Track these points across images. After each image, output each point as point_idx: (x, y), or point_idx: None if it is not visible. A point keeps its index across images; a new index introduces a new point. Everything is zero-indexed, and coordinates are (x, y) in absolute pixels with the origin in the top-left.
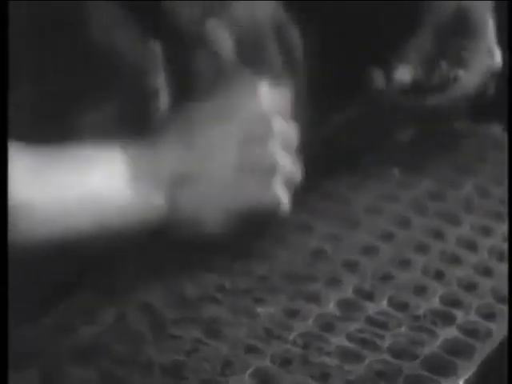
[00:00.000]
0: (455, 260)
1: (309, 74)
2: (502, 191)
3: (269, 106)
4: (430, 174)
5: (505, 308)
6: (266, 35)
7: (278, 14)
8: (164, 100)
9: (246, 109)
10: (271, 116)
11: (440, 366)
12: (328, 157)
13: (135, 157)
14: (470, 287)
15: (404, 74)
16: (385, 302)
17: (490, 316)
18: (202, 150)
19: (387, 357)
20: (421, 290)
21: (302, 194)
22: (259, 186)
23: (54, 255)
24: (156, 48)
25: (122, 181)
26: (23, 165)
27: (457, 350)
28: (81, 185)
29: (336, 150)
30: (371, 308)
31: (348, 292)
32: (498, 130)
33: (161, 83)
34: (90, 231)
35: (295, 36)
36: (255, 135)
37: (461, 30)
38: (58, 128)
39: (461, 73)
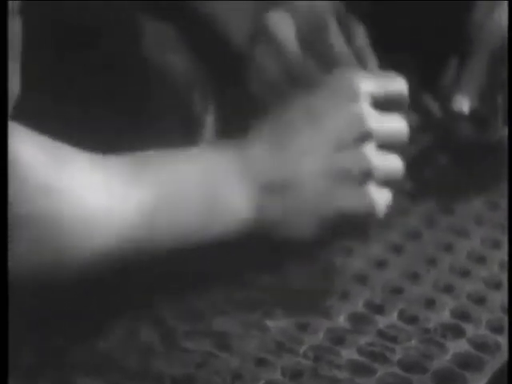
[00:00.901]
0: (465, 273)
1: None
2: None
3: (366, 103)
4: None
5: None
6: (329, 25)
7: (338, 7)
8: (211, 119)
9: (340, 109)
10: (367, 115)
11: (450, 379)
12: None
13: (225, 161)
14: (480, 301)
15: (463, 104)
16: (395, 316)
17: (499, 329)
18: (292, 156)
19: (397, 370)
20: (431, 304)
21: None
22: (352, 193)
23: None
24: (205, 65)
25: (205, 184)
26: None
27: (467, 363)
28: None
29: None
30: (381, 321)
31: (358, 305)
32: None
33: (210, 97)
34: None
35: (356, 26)
36: (348, 139)
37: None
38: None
39: None
